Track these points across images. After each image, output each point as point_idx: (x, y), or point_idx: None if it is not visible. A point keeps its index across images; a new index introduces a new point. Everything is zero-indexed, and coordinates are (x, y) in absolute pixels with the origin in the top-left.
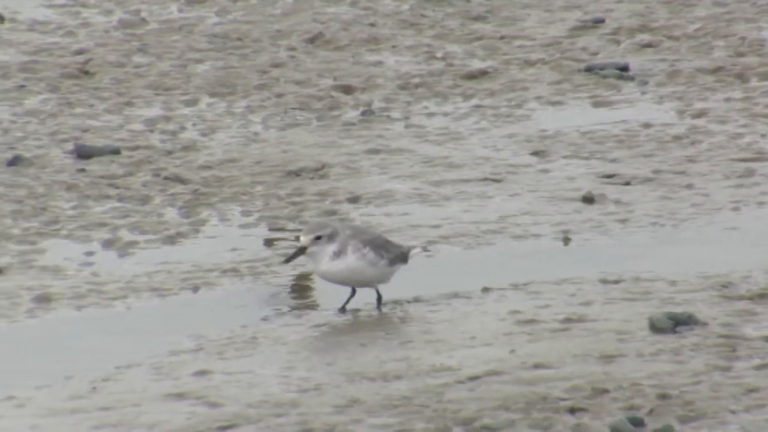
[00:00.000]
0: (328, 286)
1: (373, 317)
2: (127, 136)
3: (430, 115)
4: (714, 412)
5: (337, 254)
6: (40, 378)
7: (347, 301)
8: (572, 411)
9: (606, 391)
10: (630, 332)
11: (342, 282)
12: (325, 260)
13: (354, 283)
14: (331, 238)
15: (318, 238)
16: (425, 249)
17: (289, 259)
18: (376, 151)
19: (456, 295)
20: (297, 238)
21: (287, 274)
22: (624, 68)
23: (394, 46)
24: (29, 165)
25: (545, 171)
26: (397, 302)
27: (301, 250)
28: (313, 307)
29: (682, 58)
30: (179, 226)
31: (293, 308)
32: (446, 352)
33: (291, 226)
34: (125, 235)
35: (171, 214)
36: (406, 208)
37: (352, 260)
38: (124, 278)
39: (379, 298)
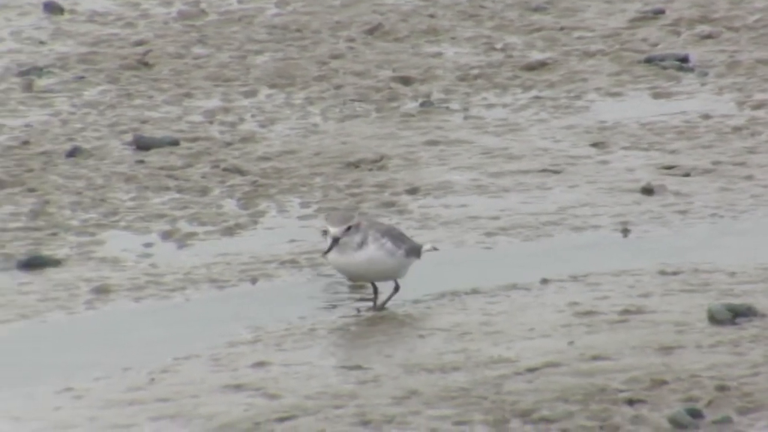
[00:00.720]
0: None
1: (432, 309)
2: (186, 128)
3: (490, 106)
4: None
5: (360, 245)
6: (98, 369)
7: (389, 298)
8: (631, 402)
9: (664, 382)
10: (689, 324)
11: (361, 275)
12: (349, 251)
13: (371, 276)
14: (357, 228)
15: (348, 228)
16: (434, 248)
17: (327, 252)
18: (434, 143)
19: (514, 287)
20: (325, 231)
21: None
22: (684, 59)
23: (453, 38)
24: (88, 156)
25: (604, 162)
26: (455, 294)
27: (336, 241)
28: (371, 298)
29: (742, 49)
30: (238, 218)
31: (351, 300)
32: (504, 344)
33: None
34: (184, 227)
35: (230, 205)
36: (464, 199)
37: (373, 250)
38: (183, 270)
39: (396, 289)
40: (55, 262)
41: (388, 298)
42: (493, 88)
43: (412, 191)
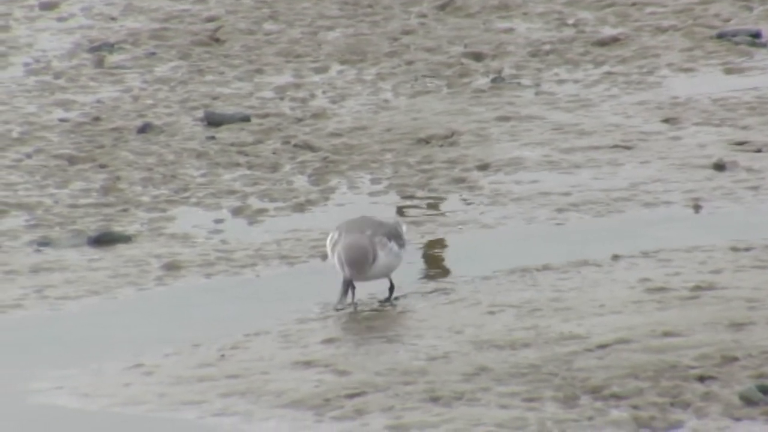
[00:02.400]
0: (457, 254)
1: (502, 285)
2: (257, 104)
3: (561, 82)
4: None
5: (372, 262)
6: (168, 346)
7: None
8: (701, 379)
9: (735, 359)
10: (760, 300)
11: (373, 279)
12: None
13: (381, 277)
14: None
15: (367, 265)
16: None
17: (341, 300)
18: (506, 119)
19: (585, 263)
20: (349, 283)
21: (416, 242)
22: (756, 35)
23: (525, 13)
24: (159, 132)
25: (676, 138)
26: (526, 270)
27: (350, 284)
28: (441, 275)
29: None
30: (308, 194)
31: (421, 276)
32: (575, 320)
33: (420, 193)
34: (254, 203)
35: (300, 181)
36: (535, 175)
37: (382, 257)
38: (253, 246)
39: (392, 288)
40: (125, 239)
41: (390, 295)
42: (565, 64)
43: (483, 167)
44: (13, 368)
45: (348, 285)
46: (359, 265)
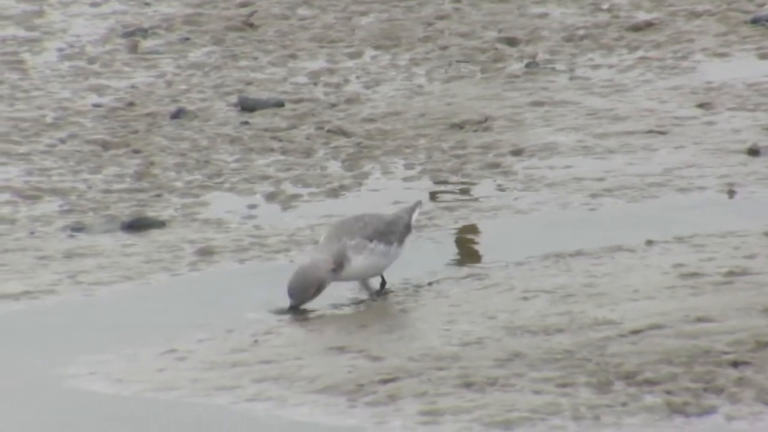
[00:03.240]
0: (491, 239)
1: (536, 271)
2: (291, 89)
3: (595, 67)
4: None
5: (337, 270)
6: (201, 331)
7: (382, 288)
8: (735, 365)
9: None
10: None
11: (360, 279)
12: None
13: (372, 276)
14: (321, 287)
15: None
16: (419, 203)
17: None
18: (540, 104)
19: (619, 249)
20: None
21: (450, 227)
22: None
23: None
24: (193, 118)
25: (710, 123)
26: (559, 255)
27: (295, 308)
28: (474, 260)
29: None
30: (342, 179)
31: (455, 261)
32: (609, 306)
33: (454, 179)
34: (288, 188)
35: (334, 167)
36: (569, 160)
37: (360, 261)
38: (287, 231)
39: (383, 284)
40: (159, 224)
41: (381, 290)
42: (599, 49)
43: (517, 152)
44: (47, 354)
45: (294, 310)
46: (294, 296)
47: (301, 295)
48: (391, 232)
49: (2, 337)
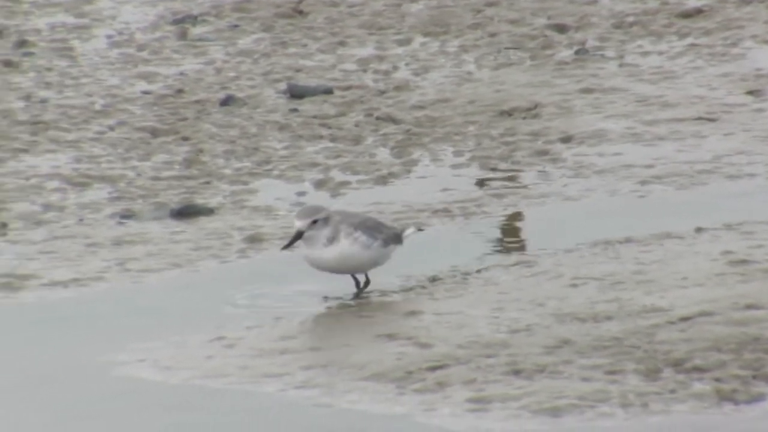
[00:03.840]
0: (540, 227)
1: (585, 258)
2: (340, 76)
3: (645, 53)
4: None
5: (330, 240)
6: (250, 318)
7: (360, 291)
8: None
9: None
10: None
11: (334, 269)
12: (318, 246)
13: (347, 270)
14: (326, 222)
15: (314, 222)
16: (419, 229)
17: (288, 245)
18: (589, 91)
19: (668, 236)
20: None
21: (498, 214)
22: None
23: None
24: (242, 105)
25: (760, 110)
26: (608, 243)
27: (299, 235)
28: (523, 247)
29: None
30: (391, 166)
31: (504, 249)
32: (657, 293)
33: (503, 166)
34: (337, 175)
35: (383, 154)
36: (619, 147)
37: (345, 245)
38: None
39: (367, 283)
40: (208, 211)
41: (360, 292)
42: (649, 36)
43: (566, 139)
44: (96, 341)
45: (298, 235)
46: (306, 215)
47: (309, 215)
48: (379, 231)
49: (51, 325)
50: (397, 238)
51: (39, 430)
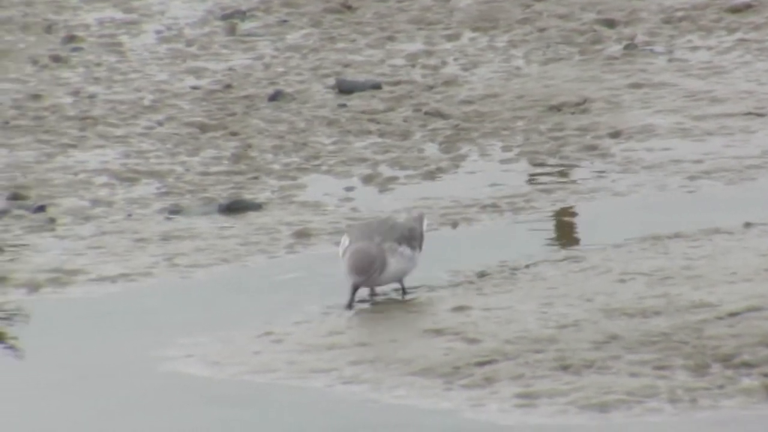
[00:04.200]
0: (589, 222)
1: (633, 253)
2: (389, 71)
3: (694, 48)
4: None
5: (382, 269)
6: (298, 313)
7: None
8: None
9: None
10: None
11: (382, 285)
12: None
13: (392, 282)
14: (381, 266)
15: (372, 272)
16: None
17: (350, 305)
18: (638, 86)
19: (717, 231)
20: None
21: (547, 209)
22: None
23: None
24: (290, 100)
25: None
26: (657, 238)
27: (356, 289)
28: (572, 242)
29: None
30: (439, 162)
31: (552, 244)
32: (706, 288)
33: (551, 161)
34: (385, 171)
35: (431, 149)
36: (667, 143)
37: (393, 264)
38: (384, 214)
39: (404, 291)
40: (256, 206)
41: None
42: (698, 31)
43: (615, 135)
44: (144, 336)
45: (355, 290)
46: (364, 272)
47: (366, 270)
48: (413, 237)
49: (100, 320)
50: (422, 237)
51: (88, 425)
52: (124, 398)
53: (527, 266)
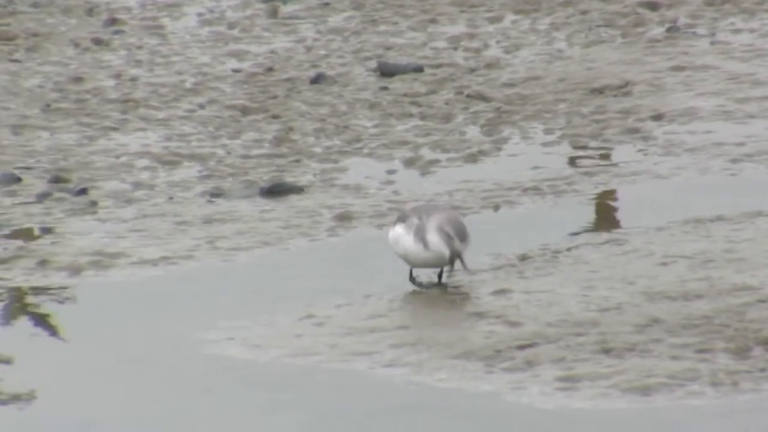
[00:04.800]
0: (631, 205)
1: (675, 236)
2: (431, 54)
3: (736, 31)
4: None
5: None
6: (339, 297)
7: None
8: None
9: None
10: None
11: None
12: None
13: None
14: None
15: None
16: None
17: (459, 268)
18: (680, 68)
19: (760, 214)
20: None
21: (589, 192)
22: None
23: None
24: (332, 83)
25: None
26: (699, 221)
27: (459, 257)
28: (614, 225)
29: None
30: (481, 144)
31: (594, 227)
32: (748, 271)
33: (593, 144)
34: (426, 154)
35: (473, 132)
36: (710, 125)
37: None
38: (425, 197)
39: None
40: (298, 189)
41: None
42: (741, 13)
43: (657, 117)
44: (186, 319)
45: (458, 259)
46: (466, 236)
47: (467, 236)
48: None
49: (141, 303)
50: None
51: (131, 408)
52: (167, 381)
53: (569, 249)
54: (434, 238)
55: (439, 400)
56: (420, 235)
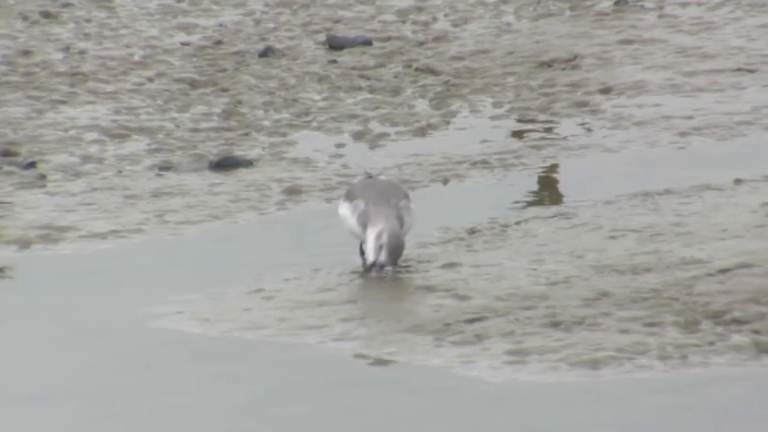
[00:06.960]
0: (579, 178)
1: (624, 210)
2: (379, 27)
3: (684, 4)
4: None
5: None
6: (288, 270)
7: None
8: None
9: None
10: None
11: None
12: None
13: None
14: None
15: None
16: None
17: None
18: (628, 42)
19: (707, 187)
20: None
21: (537, 166)
22: None
23: None
24: (281, 56)
25: None
26: (647, 194)
27: (381, 269)
28: (562, 199)
29: None
30: (430, 118)
31: (542, 201)
32: (697, 245)
33: (542, 117)
34: (375, 127)
35: (422, 105)
36: (658, 99)
37: (408, 224)
38: (374, 170)
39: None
40: (246, 163)
41: None
42: None
43: (606, 91)
44: (134, 293)
45: (372, 267)
46: (396, 259)
47: (399, 255)
48: (407, 194)
49: (90, 277)
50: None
51: (78, 381)
52: (115, 355)
53: (517, 223)
54: (369, 241)
55: (389, 373)
56: (362, 220)
